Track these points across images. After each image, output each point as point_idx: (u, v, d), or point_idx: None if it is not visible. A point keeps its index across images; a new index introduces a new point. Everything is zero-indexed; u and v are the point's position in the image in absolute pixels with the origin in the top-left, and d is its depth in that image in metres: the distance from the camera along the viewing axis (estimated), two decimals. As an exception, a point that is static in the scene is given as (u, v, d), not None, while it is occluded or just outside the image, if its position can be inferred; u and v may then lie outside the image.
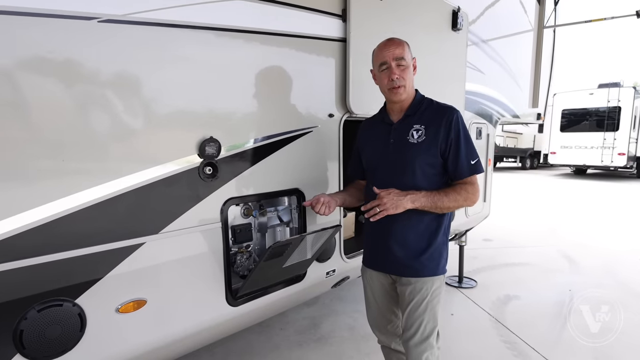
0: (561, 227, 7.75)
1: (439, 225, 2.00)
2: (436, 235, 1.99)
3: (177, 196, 1.82)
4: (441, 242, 2.02)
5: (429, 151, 1.91)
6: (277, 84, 2.19)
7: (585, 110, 16.43)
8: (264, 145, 2.13)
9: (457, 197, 1.92)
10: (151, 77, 1.70)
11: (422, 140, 1.92)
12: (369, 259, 2.19)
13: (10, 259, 1.39)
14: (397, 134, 1.99)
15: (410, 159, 1.93)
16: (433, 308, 1.98)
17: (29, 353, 1.46)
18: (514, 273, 5.15)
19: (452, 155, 1.92)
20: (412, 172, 1.93)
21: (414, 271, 1.98)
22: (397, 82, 1.92)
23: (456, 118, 1.92)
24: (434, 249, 1.98)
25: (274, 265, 2.05)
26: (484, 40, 4.15)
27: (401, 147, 1.96)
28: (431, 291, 1.97)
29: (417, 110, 1.99)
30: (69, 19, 1.46)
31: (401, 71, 1.92)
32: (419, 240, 1.97)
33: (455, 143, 1.91)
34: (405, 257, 1.98)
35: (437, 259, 2.00)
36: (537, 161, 21.23)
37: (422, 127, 1.93)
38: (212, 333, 2.16)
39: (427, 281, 1.97)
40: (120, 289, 1.68)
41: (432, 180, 1.95)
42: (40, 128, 1.44)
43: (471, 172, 1.94)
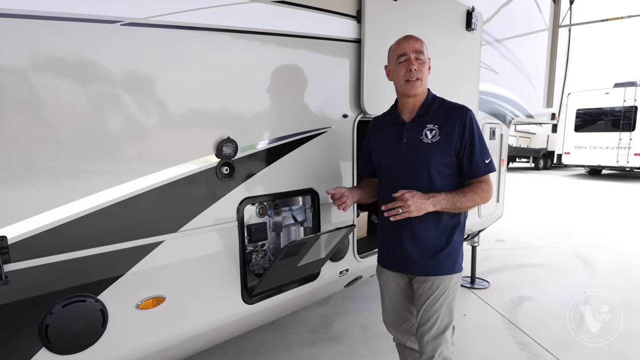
0: (576, 228, 7.67)
1: (456, 224, 2.02)
2: (453, 233, 2.01)
3: (195, 196, 1.86)
4: (458, 241, 2.04)
5: (444, 151, 1.92)
6: (292, 85, 2.22)
7: (600, 109, 16.20)
8: (279, 145, 2.16)
9: (475, 196, 1.94)
10: (171, 78, 1.74)
11: (436, 141, 1.92)
12: (385, 259, 2.20)
13: (36, 255, 1.44)
14: (409, 134, 1.99)
15: (425, 159, 1.94)
16: (449, 304, 2.00)
17: (53, 347, 1.51)
18: (528, 274, 5.11)
19: (467, 154, 1.93)
20: (427, 172, 1.94)
21: (432, 270, 1.99)
22: (415, 74, 1.92)
23: (470, 118, 1.93)
24: (451, 247, 2.00)
25: (289, 264, 2.07)
26: (498, 39, 4.13)
27: (415, 147, 1.96)
28: (448, 288, 1.99)
29: (430, 109, 1.99)
30: (93, 22, 1.50)
31: (419, 64, 1.93)
32: (437, 239, 1.99)
33: (470, 143, 1.92)
34: (423, 256, 1.99)
35: (454, 257, 2.01)
36: (551, 161, 20.96)
37: (436, 126, 1.94)
38: (227, 330, 2.19)
39: (444, 279, 1.99)
40: (140, 286, 1.72)
41: (447, 180, 1.96)
42: (65, 129, 1.48)
43: (486, 171, 1.96)
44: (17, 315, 1.44)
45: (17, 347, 1.45)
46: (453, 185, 1.98)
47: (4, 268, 1.35)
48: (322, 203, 2.42)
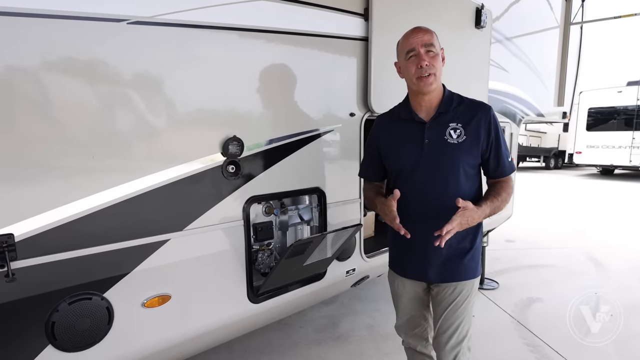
0: (587, 228, 7.58)
1: (479, 226, 1.92)
2: (477, 235, 1.94)
3: (201, 194, 1.86)
4: (479, 243, 1.98)
5: (472, 151, 1.82)
6: (298, 83, 2.21)
7: (612, 108, 16.01)
8: (285, 144, 2.16)
9: (506, 197, 1.87)
10: (177, 77, 1.74)
11: (463, 141, 1.80)
12: (400, 266, 2.05)
13: (43, 253, 1.45)
14: (432, 134, 1.83)
15: (453, 161, 1.81)
16: (469, 310, 1.94)
17: (60, 344, 1.51)
18: (538, 275, 5.06)
19: (494, 154, 1.85)
20: (455, 174, 1.82)
21: (456, 275, 1.90)
22: (427, 69, 1.76)
23: (493, 115, 1.85)
24: (475, 250, 1.94)
25: (295, 263, 2.07)
26: (508, 37, 4.09)
27: (440, 148, 1.82)
28: (470, 292, 1.93)
29: (449, 107, 1.86)
30: (100, 21, 1.50)
31: (431, 58, 1.77)
32: (461, 242, 1.89)
33: (496, 142, 1.84)
34: (446, 260, 1.88)
35: (476, 260, 1.95)
36: (562, 161, 20.78)
37: (459, 125, 1.81)
38: (233, 329, 2.19)
39: (467, 283, 1.92)
40: (146, 284, 1.72)
41: (473, 181, 1.89)
42: (71, 127, 1.49)
43: (512, 169, 1.90)
44: (24, 313, 1.45)
45: (23, 344, 1.46)
46: (475, 187, 1.90)
47: (11, 265, 1.35)
48: (328, 202, 2.41)
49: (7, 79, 1.35)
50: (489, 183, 1.94)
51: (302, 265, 2.14)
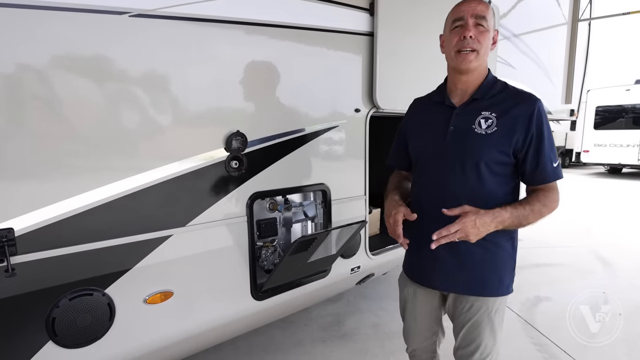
0: (595, 227, 7.50)
1: (508, 232, 1.63)
2: (502, 244, 1.65)
3: (204, 190, 1.84)
4: (509, 254, 1.69)
5: (499, 146, 1.54)
6: (303, 78, 2.19)
7: (621, 107, 15.86)
8: (289, 140, 2.13)
9: (542, 209, 1.55)
10: (181, 71, 1.72)
11: (492, 132, 1.53)
12: (411, 269, 1.86)
13: (43, 248, 1.43)
14: (459, 121, 1.60)
15: (473, 153, 1.56)
16: (495, 329, 1.67)
17: (60, 340, 1.50)
18: (545, 274, 5.01)
19: (532, 154, 1.54)
20: (475, 170, 1.56)
21: (473, 288, 1.66)
22: (470, 42, 1.52)
23: (539, 109, 1.54)
24: (500, 262, 1.66)
25: (299, 259, 2.05)
26: (515, 34, 4.04)
27: (463, 138, 1.58)
28: (493, 312, 1.65)
29: (488, 93, 1.60)
30: (101, 13, 1.48)
31: (478, 33, 1.52)
32: (484, 250, 1.62)
33: (538, 140, 1.53)
34: (465, 270, 1.65)
35: (500, 273, 1.66)
36: (569, 160, 20.63)
37: (493, 115, 1.55)
38: (236, 326, 2.18)
39: (487, 301, 1.64)
40: (148, 280, 1.71)
41: (501, 184, 1.60)
42: (72, 121, 1.47)
43: (555, 176, 1.58)
44: (24, 308, 1.43)
45: (23, 340, 1.45)
46: (505, 190, 1.61)
47: (11, 260, 1.34)
48: (333, 199, 2.39)
49: (5, 72, 1.33)
50: (527, 191, 1.65)
51: (306, 262, 2.12)
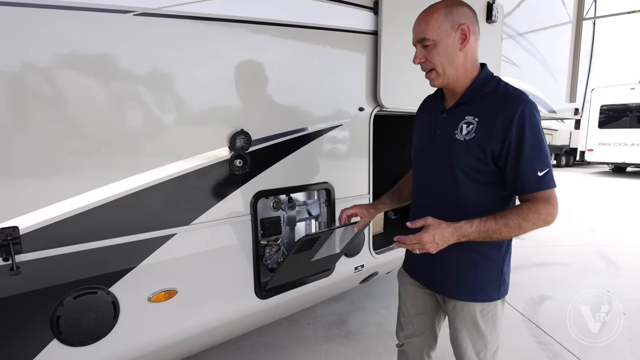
0: (599, 226, 7.48)
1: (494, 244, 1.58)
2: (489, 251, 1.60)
3: (208, 188, 1.84)
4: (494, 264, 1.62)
5: (475, 153, 1.47)
6: (307, 77, 2.18)
7: (625, 105, 15.81)
8: (293, 138, 2.13)
9: (522, 223, 1.43)
10: (185, 70, 1.72)
11: (470, 139, 1.47)
12: (408, 263, 1.89)
13: (48, 246, 1.44)
14: (445, 125, 1.57)
15: (450, 160, 1.52)
16: (480, 331, 1.64)
17: (65, 338, 1.51)
18: (549, 273, 5.00)
19: (511, 162, 1.43)
20: (452, 177, 1.52)
21: (453, 290, 1.65)
22: (423, 66, 1.54)
23: (521, 112, 1.40)
24: (482, 272, 1.61)
25: (303, 258, 2.04)
26: (519, 33, 4.03)
27: (445, 143, 1.55)
28: (477, 314, 1.62)
29: (475, 96, 1.52)
30: (105, 12, 1.48)
31: (426, 52, 1.50)
32: (465, 260, 1.60)
33: (517, 147, 1.41)
34: (450, 271, 1.64)
35: (486, 278, 1.62)
36: (573, 159, 20.58)
37: (476, 120, 1.47)
38: (241, 325, 2.18)
39: (468, 305, 1.62)
40: (152, 279, 1.71)
41: (485, 192, 1.53)
42: (77, 120, 1.47)
43: (537, 186, 1.44)
44: (29, 306, 1.44)
45: (28, 338, 1.45)
46: (490, 198, 1.54)
47: (16, 258, 1.35)
48: (337, 197, 2.39)
49: (10, 71, 1.33)
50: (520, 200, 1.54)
51: (310, 261, 2.11)
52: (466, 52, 1.51)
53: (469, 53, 1.52)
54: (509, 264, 1.67)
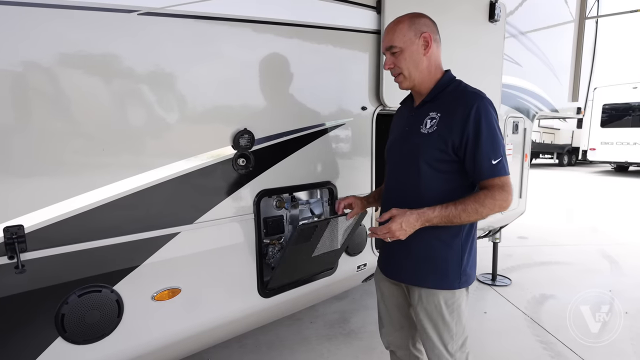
0: (601, 225, 7.47)
1: (452, 229, 1.69)
2: (447, 240, 1.71)
3: (211, 187, 1.85)
4: (454, 251, 1.73)
5: (437, 145, 1.62)
6: (310, 76, 2.19)
7: (628, 105, 15.79)
8: (296, 137, 2.13)
9: (479, 208, 1.57)
10: (188, 70, 1.72)
11: (432, 132, 1.63)
12: (380, 262, 1.99)
13: (53, 245, 1.44)
14: (412, 122, 1.73)
15: (415, 152, 1.67)
16: (446, 322, 1.75)
17: (69, 336, 1.51)
18: (551, 272, 5.00)
19: (469, 152, 1.59)
20: (417, 169, 1.67)
21: (418, 280, 1.76)
22: (392, 71, 1.73)
23: (477, 107, 1.58)
24: (443, 257, 1.72)
25: (303, 252, 2.04)
26: (522, 32, 4.02)
27: (411, 137, 1.72)
28: (442, 303, 1.73)
29: (438, 95, 1.70)
30: (110, 11, 1.49)
31: (394, 59, 1.68)
32: (427, 246, 1.72)
33: (474, 138, 1.57)
34: (411, 262, 1.76)
35: (446, 268, 1.72)
36: (576, 158, 20.55)
37: (438, 115, 1.65)
38: (244, 323, 2.18)
39: (432, 293, 1.74)
40: (156, 277, 1.72)
41: (448, 180, 1.67)
42: (81, 120, 1.48)
43: (491, 173, 1.58)
44: (34, 304, 1.45)
45: (33, 336, 1.46)
46: (452, 186, 1.67)
47: (21, 257, 1.35)
48: (339, 196, 2.39)
49: (13, 70, 1.34)
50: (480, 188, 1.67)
51: (310, 257, 2.12)
52: (429, 57, 1.70)
53: (432, 58, 1.71)
54: (471, 256, 1.78)
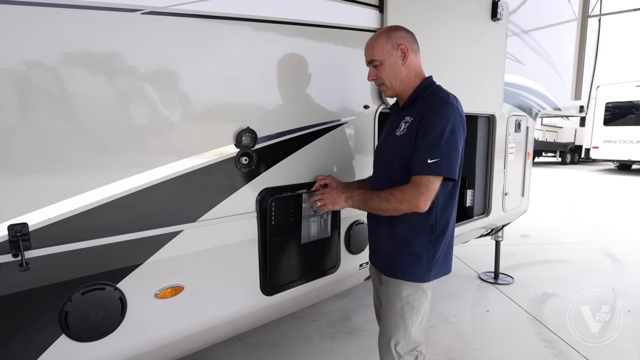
0: (604, 224, 7.46)
1: (422, 225, 1.80)
2: (416, 234, 1.81)
3: (214, 186, 1.85)
4: (422, 244, 1.82)
5: (405, 146, 1.75)
6: (313, 75, 2.18)
7: (630, 103, 15.75)
8: (299, 136, 2.13)
9: (389, 197, 1.73)
10: (192, 68, 1.72)
11: (402, 134, 1.78)
12: (369, 250, 2.13)
13: (57, 243, 1.45)
14: (393, 125, 1.88)
15: (390, 153, 1.85)
16: (403, 316, 1.85)
17: (73, 334, 1.52)
18: (553, 270, 4.99)
19: (415, 147, 1.71)
20: (392, 171, 1.82)
21: (388, 269, 1.90)
22: (376, 82, 1.91)
23: (434, 110, 1.69)
24: (414, 248, 1.82)
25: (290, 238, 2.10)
26: (524, 30, 4.01)
27: (389, 141, 1.87)
28: (404, 295, 1.84)
29: (415, 100, 1.83)
30: (113, 10, 1.49)
31: (376, 71, 1.86)
32: (394, 238, 1.86)
33: (422, 135, 1.69)
34: (382, 252, 1.93)
35: (415, 259, 1.82)
36: (578, 156, 20.51)
37: (410, 118, 1.77)
38: (246, 321, 2.19)
39: (398, 284, 1.85)
40: (159, 275, 1.72)
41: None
42: (85, 118, 1.48)
43: (420, 170, 1.67)
44: (38, 302, 1.45)
45: (37, 333, 1.47)
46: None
47: (25, 255, 1.36)
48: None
49: (16, 69, 1.34)
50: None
51: (300, 244, 2.16)
52: (408, 66, 1.83)
53: (411, 66, 1.84)
54: (442, 255, 1.86)
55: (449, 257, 1.93)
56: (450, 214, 1.85)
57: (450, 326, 3.50)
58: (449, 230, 1.87)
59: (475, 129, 3.55)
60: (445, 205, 1.83)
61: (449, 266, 1.93)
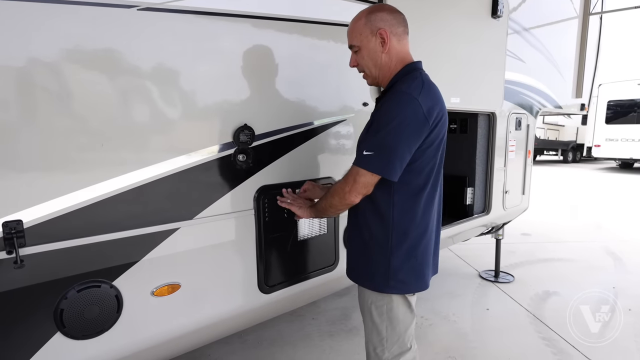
0: (605, 222, 7.44)
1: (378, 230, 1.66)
2: (371, 239, 1.69)
3: (211, 183, 1.84)
4: (377, 252, 1.68)
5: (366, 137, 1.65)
6: (311, 72, 2.18)
7: (633, 101, 15.70)
8: (297, 133, 2.12)
9: (327, 193, 1.71)
10: (188, 65, 1.71)
11: (366, 126, 1.70)
12: None
13: (52, 240, 1.44)
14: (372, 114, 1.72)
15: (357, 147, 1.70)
16: (375, 323, 1.75)
17: (68, 331, 1.51)
18: (554, 269, 4.98)
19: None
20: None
21: (349, 272, 1.87)
22: (358, 69, 1.76)
23: (387, 99, 1.58)
24: (367, 254, 1.73)
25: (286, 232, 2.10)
26: (525, 28, 3.99)
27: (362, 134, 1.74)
28: (369, 304, 1.75)
29: (389, 89, 1.66)
30: (109, 7, 1.48)
31: (356, 56, 1.70)
32: (354, 241, 1.81)
33: (367, 127, 1.65)
34: (349, 254, 1.87)
35: (373, 269, 1.70)
36: (580, 154, 20.46)
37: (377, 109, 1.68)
38: (244, 319, 2.18)
39: (363, 291, 1.78)
40: (155, 273, 1.71)
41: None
42: (81, 115, 1.47)
43: (356, 160, 1.60)
44: (33, 299, 1.44)
45: (32, 331, 1.46)
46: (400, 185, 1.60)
47: (20, 252, 1.35)
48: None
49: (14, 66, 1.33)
50: None
51: (297, 242, 2.15)
52: (389, 53, 1.64)
53: (392, 53, 1.64)
54: (402, 261, 1.65)
55: (422, 271, 1.70)
56: (413, 219, 1.63)
57: (450, 324, 3.49)
58: (414, 239, 1.65)
59: (476, 126, 3.54)
60: (407, 209, 1.62)
61: (422, 281, 1.71)
